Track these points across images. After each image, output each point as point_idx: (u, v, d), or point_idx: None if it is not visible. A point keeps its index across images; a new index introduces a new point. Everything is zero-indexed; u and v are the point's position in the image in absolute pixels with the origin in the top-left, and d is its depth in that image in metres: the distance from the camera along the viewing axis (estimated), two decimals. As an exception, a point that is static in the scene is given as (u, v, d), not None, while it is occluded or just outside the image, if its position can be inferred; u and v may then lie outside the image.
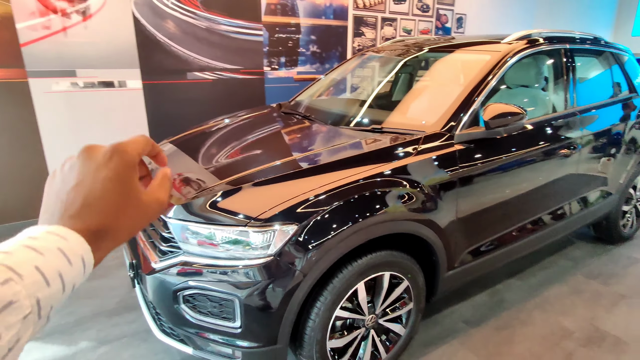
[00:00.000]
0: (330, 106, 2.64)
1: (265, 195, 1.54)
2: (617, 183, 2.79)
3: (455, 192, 1.82)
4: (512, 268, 2.80)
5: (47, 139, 3.29)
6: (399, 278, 1.75)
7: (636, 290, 2.58)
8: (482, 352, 2.03)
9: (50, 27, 3.12)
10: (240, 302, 1.43)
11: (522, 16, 6.32)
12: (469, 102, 1.93)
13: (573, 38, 2.53)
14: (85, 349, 2.04)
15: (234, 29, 3.91)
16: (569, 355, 2.01)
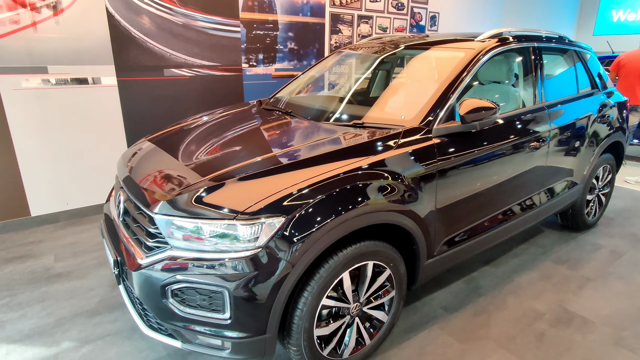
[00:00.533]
0: (311, 102, 2.67)
1: (250, 190, 1.56)
2: (582, 174, 2.96)
3: (434, 184, 1.90)
4: (486, 256, 2.93)
5: (18, 138, 3.18)
6: (382, 267, 1.81)
7: (600, 273, 2.75)
8: (460, 336, 2.13)
9: (19, 22, 3.01)
10: (229, 294, 1.45)
11: (491, 16, 6.54)
12: (445, 97, 2.01)
13: (540, 37, 2.66)
14: (67, 349, 2.01)
15: (212, 26, 3.89)
16: (540, 336, 2.13)
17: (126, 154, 2.28)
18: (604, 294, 2.52)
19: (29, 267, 2.76)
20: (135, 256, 1.64)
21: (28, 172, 3.28)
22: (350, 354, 1.84)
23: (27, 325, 2.19)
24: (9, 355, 1.97)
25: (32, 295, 2.45)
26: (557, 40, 2.81)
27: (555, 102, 2.65)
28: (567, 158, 2.76)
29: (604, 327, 2.21)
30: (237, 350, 1.55)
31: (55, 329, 2.16)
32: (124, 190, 1.93)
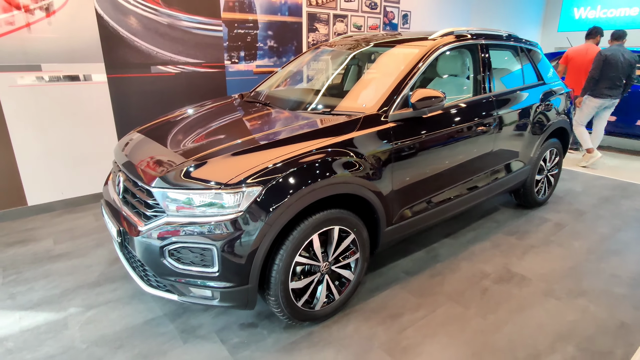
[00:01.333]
0: (288, 95, 2.98)
1: (232, 166, 1.87)
2: (529, 156, 3.35)
3: (390, 162, 2.24)
4: (446, 229, 3.31)
5: (15, 132, 3.40)
6: (347, 231, 2.15)
7: (543, 241, 3.15)
8: (418, 293, 2.48)
9: (14, 23, 3.23)
10: (217, 251, 1.77)
11: (459, 14, 6.94)
12: (400, 88, 2.35)
13: (488, 35, 3.03)
14: (74, 313, 2.29)
15: (195, 25, 4.15)
16: (484, 290, 2.51)
17: (121, 143, 2.55)
18: (543, 257, 2.92)
19: (31, 250, 3.01)
20: (136, 225, 1.94)
21: (24, 164, 3.50)
22: (321, 306, 2.17)
23: (35, 296, 2.45)
24: (22, 319, 2.24)
25: (37, 272, 2.71)
26: (503, 38, 3.19)
27: (502, 92, 3.03)
28: (513, 141, 3.14)
29: (538, 282, 2.60)
30: (224, 299, 1.86)
31: (61, 298, 2.43)
32: (123, 172, 2.21)
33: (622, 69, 4.74)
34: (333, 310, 2.24)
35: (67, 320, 2.23)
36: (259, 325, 2.20)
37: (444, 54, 2.67)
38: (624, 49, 4.79)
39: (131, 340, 2.08)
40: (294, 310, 2.04)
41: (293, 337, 2.10)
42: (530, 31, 8.94)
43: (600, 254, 2.97)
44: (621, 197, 4.11)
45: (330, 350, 2.01)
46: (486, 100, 2.86)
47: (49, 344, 2.05)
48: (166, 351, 2.00)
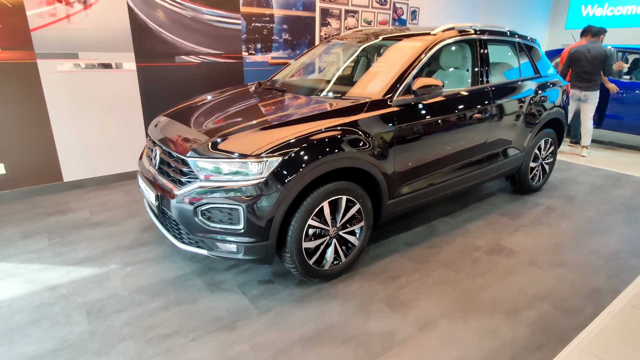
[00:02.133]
0: (302, 83, 3.28)
1: (254, 140, 2.18)
2: (523, 144, 3.62)
3: (394, 142, 2.54)
4: (445, 209, 3.60)
5: (53, 113, 3.76)
6: (353, 202, 2.45)
7: (533, 222, 3.43)
8: (415, 260, 2.79)
9: (55, 15, 3.58)
10: (243, 210, 2.09)
11: (466, 11, 7.16)
12: (403, 77, 2.65)
13: (487, 31, 3.30)
14: (114, 269, 2.64)
15: (216, 18, 4.47)
16: (475, 260, 2.81)
17: (153, 124, 2.87)
18: (532, 235, 3.20)
19: (70, 219, 3.37)
20: (172, 190, 2.27)
21: (61, 143, 3.86)
22: (329, 266, 2.48)
23: (79, 255, 2.81)
24: (70, 273, 2.59)
25: (78, 236, 3.07)
26: (502, 33, 3.45)
27: (498, 83, 3.30)
28: (508, 129, 3.41)
29: (525, 254, 2.89)
30: (247, 252, 2.19)
31: (102, 257, 2.78)
32: (159, 146, 2.54)
33: (588, 63, 5.13)
34: (340, 271, 2.55)
35: (109, 274, 2.58)
36: (275, 282, 2.52)
37: (445, 47, 2.96)
38: (592, 45, 5.16)
39: (166, 290, 2.42)
40: (306, 267, 2.36)
41: (304, 292, 2.42)
42: (538, 28, 9.10)
43: (585, 233, 3.25)
44: (612, 186, 4.35)
45: (336, 302, 2.33)
46: (483, 91, 3.14)
47: (96, 291, 2.40)
48: (196, 299, 2.34)
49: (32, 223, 3.27)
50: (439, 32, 2.97)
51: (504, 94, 3.30)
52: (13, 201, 3.70)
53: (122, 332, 2.06)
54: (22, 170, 3.75)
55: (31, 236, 3.06)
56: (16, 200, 3.72)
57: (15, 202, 3.68)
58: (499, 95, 3.25)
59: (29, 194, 3.81)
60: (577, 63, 5.22)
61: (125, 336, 2.03)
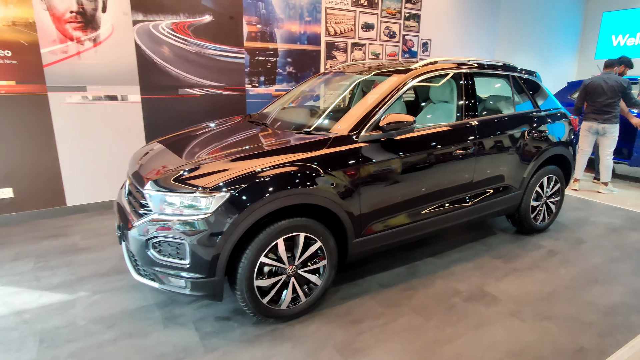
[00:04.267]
0: (281, 116, 3.27)
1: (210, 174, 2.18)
2: (519, 181, 3.40)
3: (358, 178, 2.46)
4: (432, 249, 3.41)
5: (61, 142, 4.00)
6: (313, 239, 2.38)
7: (528, 266, 3.17)
8: (385, 303, 2.63)
9: (67, 52, 3.87)
10: (188, 245, 2.07)
11: (485, 42, 7.04)
12: (372, 112, 2.59)
13: (474, 64, 3.19)
14: (83, 296, 2.68)
15: (220, 53, 4.65)
16: (451, 306, 2.60)
17: (137, 153, 2.97)
18: (523, 281, 2.94)
19: (61, 243, 3.50)
20: (131, 221, 2.30)
21: (66, 170, 4.08)
22: (287, 306, 2.39)
23: (55, 280, 2.88)
24: (41, 297, 2.66)
25: (61, 261, 3.17)
26: (491, 67, 3.32)
27: (486, 118, 3.15)
28: (498, 166, 3.22)
29: (508, 303, 2.65)
30: (194, 288, 2.15)
31: (75, 283, 2.84)
32: (129, 177, 2.61)
33: (605, 95, 4.86)
34: (299, 312, 2.45)
35: (75, 302, 2.62)
36: (232, 319, 2.46)
37: (428, 81, 2.89)
38: (607, 76, 4.92)
39: (122, 322, 2.41)
40: (258, 306, 2.28)
41: (258, 331, 2.33)
42: (566, 58, 8.75)
43: (584, 282, 2.94)
44: (631, 230, 3.97)
45: (288, 344, 2.22)
46: (466, 126, 3.00)
47: (56, 318, 2.44)
48: (148, 333, 2.32)
49: (25, 246, 3.43)
50: (418, 67, 2.91)
51: (493, 129, 3.14)
52: (16, 224, 3.91)
53: (64, 363, 2.06)
54: (29, 194, 3.98)
55: (20, 259, 3.19)
56: (19, 223, 3.93)
57: (17, 225, 3.89)
58: (486, 131, 3.10)
59: (33, 217, 4.02)
60: (593, 95, 4.95)
61: (65, 368, 2.03)
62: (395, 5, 5.82)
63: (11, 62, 3.66)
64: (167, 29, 4.30)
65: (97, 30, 3.96)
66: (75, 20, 3.85)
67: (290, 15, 5.03)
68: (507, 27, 7.24)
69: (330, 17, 5.33)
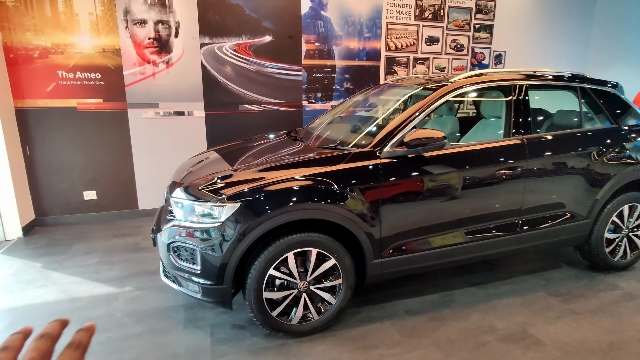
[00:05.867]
0: (316, 131, 3.26)
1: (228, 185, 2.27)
2: (587, 209, 2.92)
3: (379, 195, 2.35)
4: (478, 279, 3.08)
5: (136, 152, 4.52)
6: (327, 256, 2.32)
7: (594, 309, 2.68)
8: (406, 332, 2.44)
9: (144, 73, 4.39)
10: (200, 251, 2.17)
11: (572, 52, 6.28)
12: (398, 127, 2.46)
13: (528, 75, 2.86)
14: (127, 291, 2.96)
15: (278, 71, 4.87)
16: (480, 345, 2.31)
17: (186, 162, 3.21)
18: (580, 326, 2.50)
19: (126, 242, 3.93)
20: (161, 225, 2.49)
21: (140, 177, 4.59)
22: (297, 322, 2.35)
23: (111, 274, 3.23)
24: (95, 289, 3.00)
25: (121, 258, 3.55)
26: (551, 78, 2.94)
27: (539, 135, 2.78)
28: (555, 191, 2.81)
29: (553, 350, 2.26)
30: (205, 294, 2.24)
31: (125, 278, 3.15)
32: (168, 186, 2.84)
33: None
34: (311, 329, 2.39)
35: (119, 295, 2.90)
36: (246, 328, 2.49)
37: (464, 95, 2.67)
38: None
39: (151, 318, 2.61)
40: (267, 318, 2.28)
41: (267, 344, 2.33)
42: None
43: (666, 336, 2.39)
44: None
45: (291, 362, 2.18)
46: (512, 144, 2.69)
47: (100, 308, 2.72)
48: (168, 331, 2.46)
49: (98, 242, 3.91)
50: (457, 80, 2.71)
51: (547, 149, 2.77)
52: (97, 222, 4.49)
53: (91, 349, 2.29)
54: (108, 198, 4.55)
55: (90, 253, 3.65)
56: (100, 222, 4.50)
57: (98, 223, 4.46)
58: (539, 150, 2.74)
59: (111, 218, 4.58)
60: None
61: (90, 353, 2.25)
62: (463, 17, 5.52)
63: (100, 83, 4.27)
64: (230, 50, 4.64)
65: (170, 54, 4.44)
66: (152, 45, 4.37)
67: (349, 32, 5.07)
68: (601, 35, 6.37)
69: (391, 32, 5.25)
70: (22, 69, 4.05)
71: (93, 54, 4.19)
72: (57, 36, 4.07)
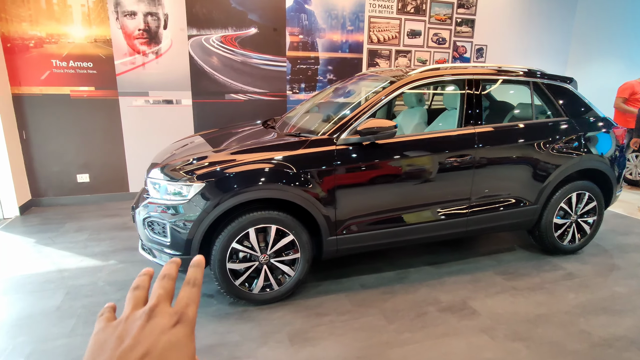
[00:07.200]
0: (287, 120, 3.48)
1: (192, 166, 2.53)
2: (534, 196, 3.15)
3: (334, 179, 2.60)
4: (434, 259, 3.33)
5: (127, 138, 4.78)
6: (285, 232, 2.58)
7: (533, 287, 2.93)
8: (357, 303, 2.70)
9: (135, 63, 4.63)
10: (168, 225, 2.44)
11: (554, 47, 6.43)
12: (355, 116, 2.70)
13: (481, 70, 3.07)
14: (111, 264, 3.24)
15: (263, 62, 5.08)
16: (422, 314, 2.57)
17: (170, 145, 3.45)
18: (516, 300, 2.75)
19: (114, 221, 4.20)
20: (138, 203, 2.76)
21: (130, 161, 4.85)
22: (259, 291, 2.62)
23: (97, 249, 3.51)
24: (82, 261, 3.28)
25: (108, 235, 3.83)
26: (502, 73, 3.14)
27: (487, 127, 3.00)
28: (506, 178, 3.04)
29: (486, 319, 2.52)
30: (174, 263, 2.50)
31: (110, 253, 3.43)
32: (149, 167, 3.10)
33: None
34: (271, 298, 2.66)
35: (104, 268, 3.18)
36: (215, 297, 2.77)
37: (419, 88, 2.90)
38: None
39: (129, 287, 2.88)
40: (230, 287, 2.55)
41: (230, 310, 2.61)
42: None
43: (590, 310, 2.64)
44: (691, 262, 3.37)
45: (249, 325, 2.45)
46: (462, 134, 2.92)
47: (85, 278, 3.00)
48: (144, 298, 2.74)
49: (88, 221, 4.20)
50: (413, 74, 2.93)
51: (495, 139, 2.99)
52: (90, 204, 4.77)
53: (76, 311, 2.57)
54: (101, 180, 4.82)
55: (80, 231, 3.94)
56: (92, 203, 4.78)
57: (90, 204, 4.74)
58: (490, 140, 2.96)
59: (103, 200, 4.86)
60: None
61: (74, 315, 2.53)
62: (445, 11, 5.69)
63: (92, 72, 4.51)
64: (217, 41, 4.85)
65: (159, 45, 4.66)
66: (142, 36, 4.59)
67: (333, 25, 5.26)
68: (583, 30, 6.51)
69: (374, 25, 5.43)
70: (18, 58, 4.30)
71: (85, 44, 4.42)
72: (51, 27, 4.30)
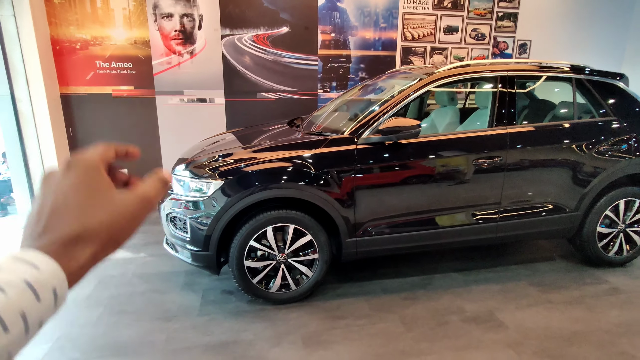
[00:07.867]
0: (312, 119, 3.45)
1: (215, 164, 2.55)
2: (574, 202, 2.91)
3: (354, 178, 2.53)
4: (463, 265, 3.17)
5: (163, 134, 4.96)
6: (303, 232, 2.54)
7: (571, 301, 2.70)
8: (377, 307, 2.62)
9: (171, 63, 4.78)
10: (189, 221, 2.48)
11: (608, 41, 5.93)
12: (377, 115, 2.61)
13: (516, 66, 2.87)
14: (141, 256, 3.37)
15: (294, 61, 5.09)
16: (443, 323, 2.45)
17: (201, 142, 3.52)
18: (551, 314, 2.55)
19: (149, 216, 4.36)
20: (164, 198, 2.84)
21: (165, 157, 5.03)
22: (276, 290, 2.61)
23: (130, 242, 3.64)
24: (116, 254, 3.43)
25: (142, 229, 3.93)
26: (542, 69, 2.92)
27: (523, 127, 2.80)
28: (540, 182, 2.83)
29: (514, 333, 2.35)
30: (194, 259, 2.55)
31: (142, 247, 3.57)
32: (177, 164, 3.18)
33: None
34: (289, 298, 2.64)
35: (134, 260, 3.31)
36: (234, 294, 2.79)
37: (447, 85, 2.76)
38: None
39: (155, 280, 2.98)
40: (248, 285, 2.56)
41: (248, 308, 2.62)
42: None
43: (636, 330, 2.39)
44: None
45: (264, 324, 2.45)
46: (493, 135, 2.74)
47: (117, 268, 3.14)
48: (167, 292, 2.82)
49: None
50: (440, 71, 2.79)
51: (533, 140, 2.79)
52: (127, 197, 4.99)
53: (103, 301, 2.69)
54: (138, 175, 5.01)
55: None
56: (130, 197, 5.00)
57: (128, 198, 4.96)
58: (524, 141, 2.76)
59: (139, 194, 5.07)
60: None
61: (102, 304, 2.65)
62: (485, 5, 5.41)
63: (132, 72, 4.72)
64: (249, 41, 4.91)
65: (194, 45, 4.79)
66: (178, 37, 4.74)
67: (365, 23, 5.17)
68: None
69: (408, 22, 5.27)
70: (66, 59, 4.57)
71: (126, 45, 4.63)
72: (95, 30, 4.54)
